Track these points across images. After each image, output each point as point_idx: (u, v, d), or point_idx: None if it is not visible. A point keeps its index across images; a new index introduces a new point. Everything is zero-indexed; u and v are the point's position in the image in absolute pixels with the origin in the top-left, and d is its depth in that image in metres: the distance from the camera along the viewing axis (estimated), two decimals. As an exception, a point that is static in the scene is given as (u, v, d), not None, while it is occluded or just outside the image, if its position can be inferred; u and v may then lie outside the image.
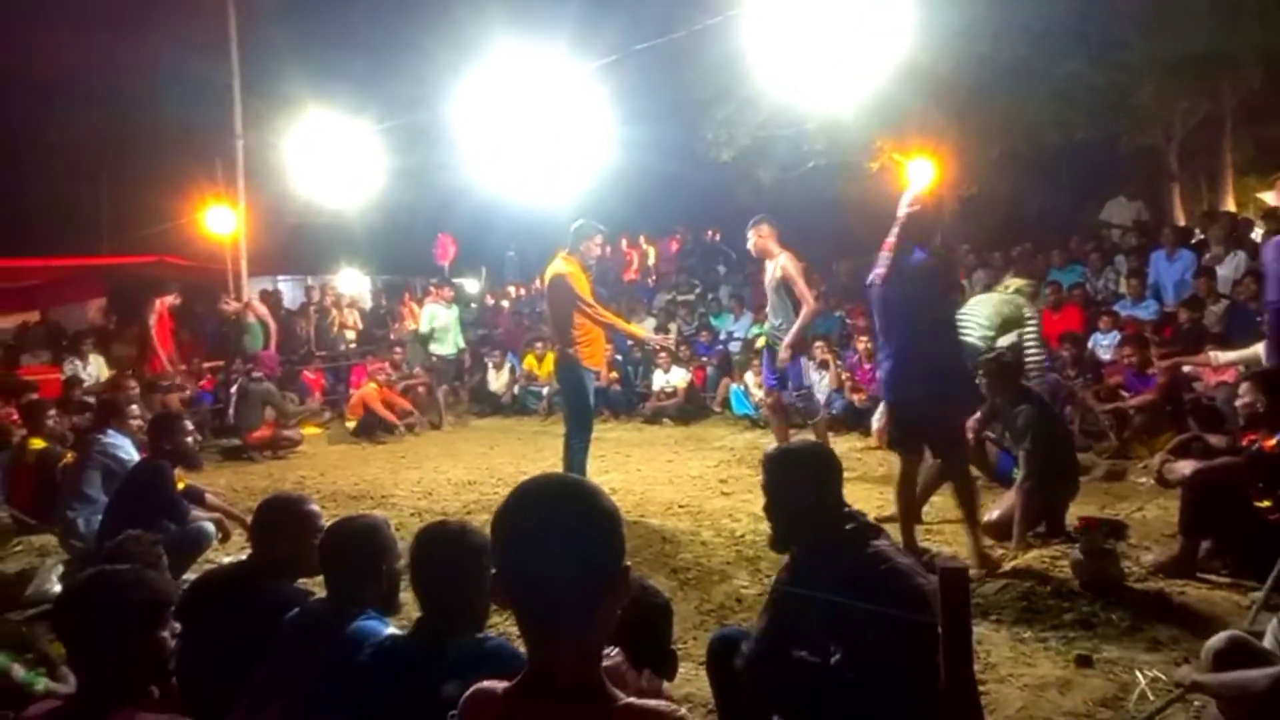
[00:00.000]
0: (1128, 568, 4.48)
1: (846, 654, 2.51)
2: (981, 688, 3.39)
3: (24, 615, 4.36)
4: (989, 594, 4.33)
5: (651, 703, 1.28)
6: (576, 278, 6.25)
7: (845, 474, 2.78)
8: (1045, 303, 9.52)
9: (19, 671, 2.44)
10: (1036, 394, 5.14)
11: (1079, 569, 4.37)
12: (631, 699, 1.27)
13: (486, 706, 1.30)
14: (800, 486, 2.66)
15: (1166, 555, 4.51)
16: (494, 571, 1.27)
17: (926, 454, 5.02)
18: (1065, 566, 4.51)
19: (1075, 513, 5.14)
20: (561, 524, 1.25)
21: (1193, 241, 10.16)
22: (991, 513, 5.17)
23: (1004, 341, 6.91)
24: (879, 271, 4.75)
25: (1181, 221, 12.81)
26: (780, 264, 6.71)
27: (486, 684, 1.33)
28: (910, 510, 4.87)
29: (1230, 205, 13.84)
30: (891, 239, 4.76)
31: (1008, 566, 4.66)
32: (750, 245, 6.99)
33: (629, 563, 1.31)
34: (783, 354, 6.69)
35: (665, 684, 2.65)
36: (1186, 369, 5.82)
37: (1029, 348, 7.10)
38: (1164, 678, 3.39)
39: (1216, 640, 2.87)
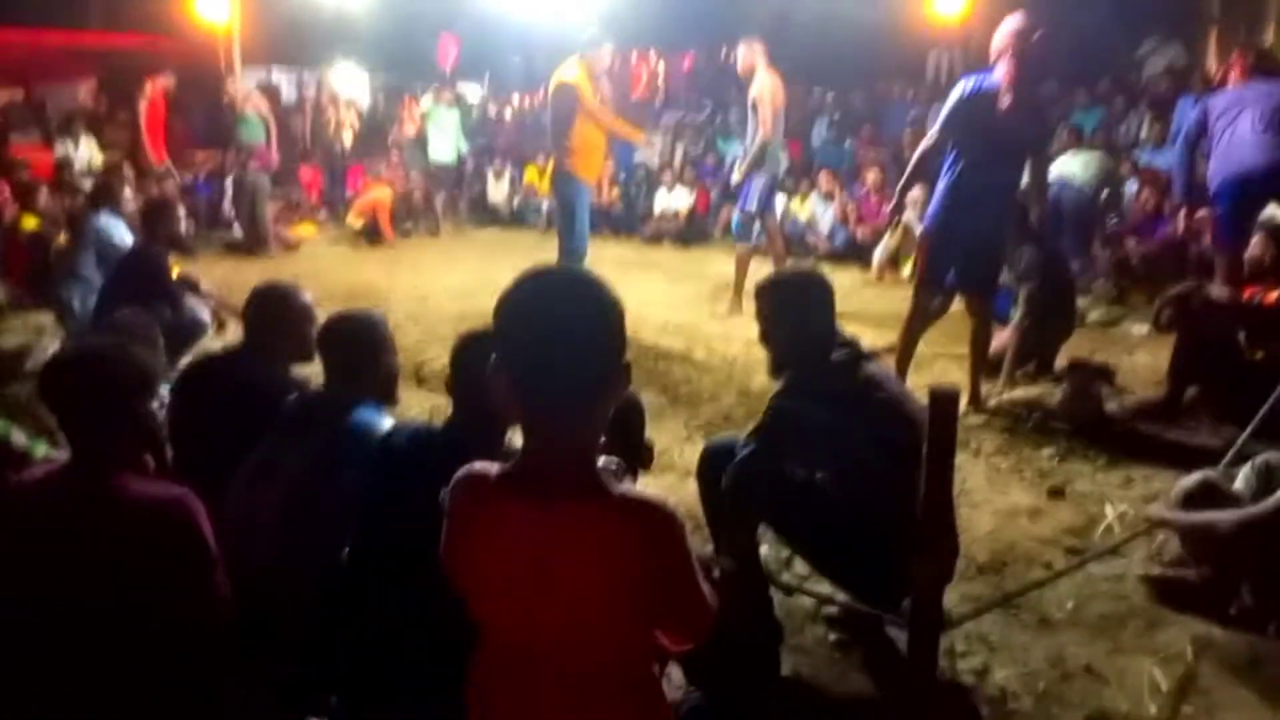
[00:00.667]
0: (1111, 410, 4.56)
1: (834, 471, 2.58)
2: (957, 512, 3.52)
3: (25, 387, 4.43)
4: (972, 425, 4.42)
5: (646, 493, 1.28)
6: (583, 85, 6.05)
7: (844, 308, 2.78)
8: (1060, 145, 9.26)
9: (19, 438, 2.48)
10: (1040, 234, 5.06)
11: (1063, 406, 4.46)
12: (627, 489, 1.27)
13: (477, 488, 1.31)
14: (791, 314, 2.66)
15: (1153, 398, 4.59)
16: (494, 359, 1.24)
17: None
18: (1050, 404, 4.60)
19: (1066, 354, 5.18)
20: (571, 317, 1.22)
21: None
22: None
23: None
24: (1008, 99, 4.24)
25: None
26: (757, 85, 6.47)
27: (480, 465, 1.33)
28: (908, 350, 4.74)
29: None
30: (1011, 67, 4.26)
31: (993, 403, 4.74)
32: (739, 62, 6.70)
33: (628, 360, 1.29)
34: (735, 176, 6.56)
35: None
36: (1201, 214, 5.71)
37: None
38: (1132, 512, 3.51)
39: (1188, 480, 2.95)
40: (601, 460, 1.36)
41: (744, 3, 13.53)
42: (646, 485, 3.67)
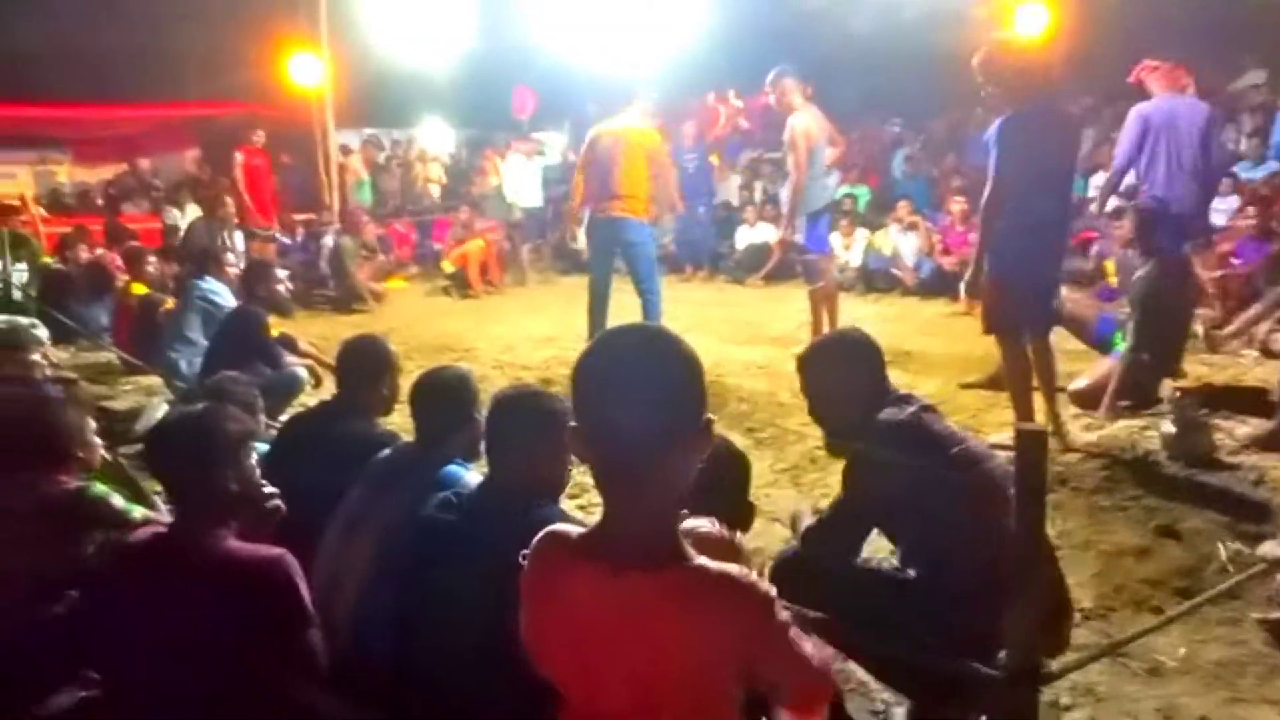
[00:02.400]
0: (1220, 440, 4.35)
1: (917, 539, 2.41)
2: (1058, 554, 3.38)
3: (135, 450, 4.63)
4: (1070, 462, 4.26)
5: (726, 566, 1.24)
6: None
7: (931, 342, 2.70)
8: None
9: (118, 501, 2.59)
10: (1164, 252, 4.86)
11: (1168, 441, 4.26)
12: (705, 561, 1.23)
13: (553, 551, 1.31)
14: (830, 380, 2.54)
15: (1263, 428, 4.35)
16: (573, 422, 1.25)
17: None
18: (1153, 436, 4.40)
19: (1169, 382, 4.97)
20: (643, 370, 1.21)
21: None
22: (1080, 381, 5.04)
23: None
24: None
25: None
26: (789, 123, 6.32)
27: (560, 527, 1.33)
28: (1028, 402, 4.45)
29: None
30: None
31: (1093, 436, 4.57)
32: (771, 102, 6.58)
33: (711, 416, 1.26)
34: (783, 234, 6.44)
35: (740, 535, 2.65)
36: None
37: None
38: (1247, 550, 3.33)
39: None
40: (694, 522, 1.34)
41: (819, 38, 13.54)
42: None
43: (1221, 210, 8.04)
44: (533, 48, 11.98)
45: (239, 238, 9.38)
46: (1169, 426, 4.28)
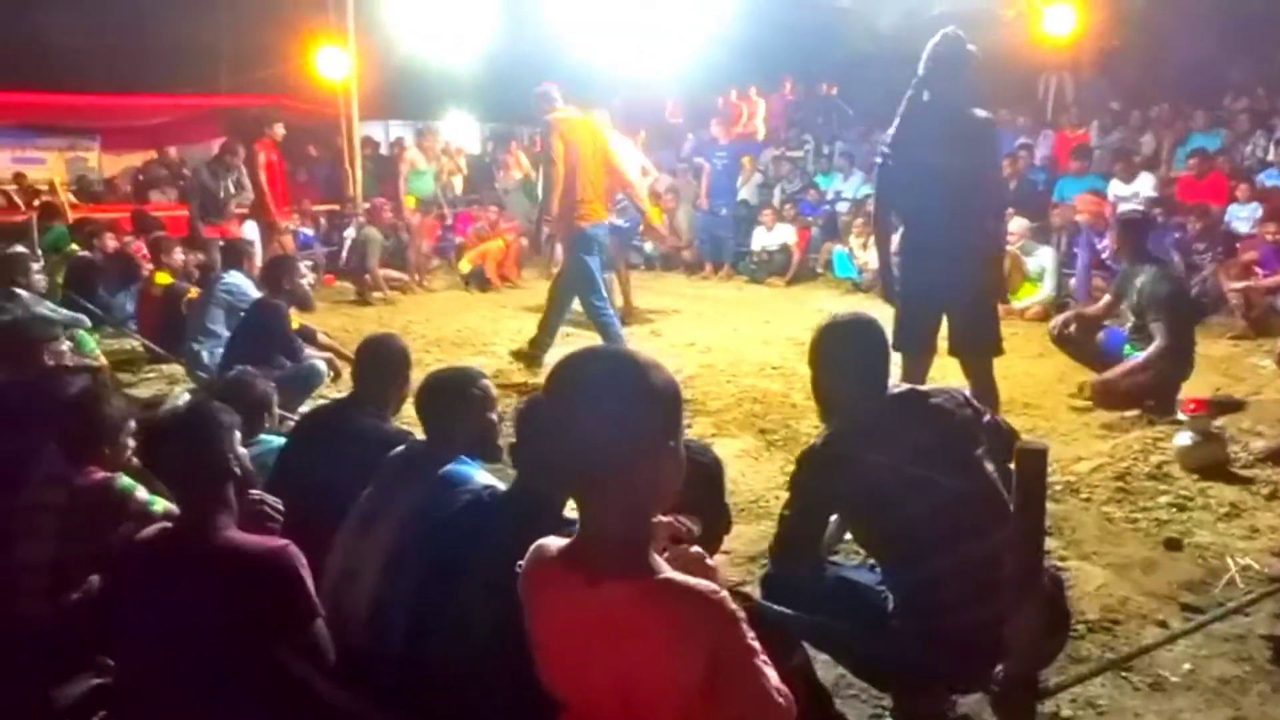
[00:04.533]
0: (1235, 453, 4.33)
1: (886, 529, 2.36)
2: (1063, 564, 3.39)
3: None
4: (1082, 472, 4.25)
5: (697, 580, 1.27)
6: None
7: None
8: (1189, 169, 8.91)
9: (141, 494, 2.66)
10: (1160, 258, 4.89)
11: (1182, 452, 4.24)
12: (672, 575, 1.26)
13: (540, 563, 1.35)
14: (833, 360, 2.51)
15: (1279, 442, 4.33)
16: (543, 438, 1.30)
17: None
18: (1167, 447, 4.39)
19: (1187, 392, 4.94)
20: (605, 393, 1.25)
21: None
22: (1101, 377, 5.06)
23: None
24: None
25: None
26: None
27: (548, 540, 1.36)
28: None
29: None
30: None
31: (1107, 445, 4.56)
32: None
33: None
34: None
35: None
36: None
37: None
38: (1256, 566, 3.32)
39: (1316, 534, 2.78)
40: (670, 519, 1.37)
41: (846, 36, 13.49)
42: (743, 533, 3.68)
43: (1244, 218, 7.97)
44: (559, 43, 11.99)
45: (253, 228, 9.46)
46: (1184, 437, 4.27)
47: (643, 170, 9.14)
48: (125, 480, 2.71)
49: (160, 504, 2.65)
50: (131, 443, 2.85)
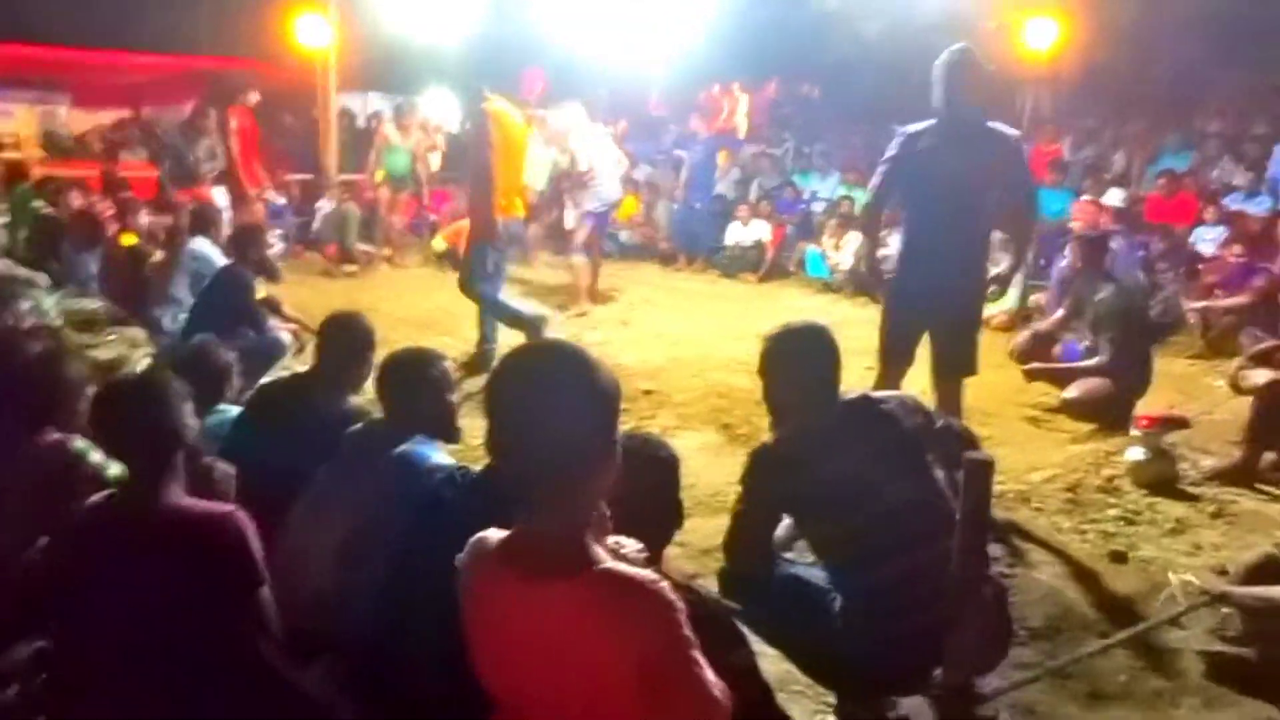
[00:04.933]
0: (1184, 470, 4.42)
1: (833, 532, 2.40)
2: (1009, 573, 3.45)
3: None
4: (1034, 482, 4.33)
5: (633, 570, 1.28)
6: None
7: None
8: (1158, 189, 9.04)
9: (96, 457, 2.63)
10: (1115, 277, 5.00)
11: (1134, 467, 4.33)
12: (613, 565, 1.27)
13: (479, 557, 1.35)
14: (782, 369, 2.51)
15: (1227, 461, 4.43)
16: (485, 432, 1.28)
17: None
18: (1119, 461, 4.47)
19: (1143, 408, 5.03)
20: (544, 397, 1.24)
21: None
22: (1071, 391, 5.14)
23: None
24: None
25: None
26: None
27: (489, 533, 1.36)
28: None
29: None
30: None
31: (1060, 457, 4.64)
32: None
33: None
34: None
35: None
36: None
37: None
38: (1196, 582, 3.38)
39: (1252, 555, 2.86)
40: (618, 540, 1.37)
41: (832, 39, 13.53)
42: (699, 527, 3.71)
43: (1210, 240, 8.11)
44: (544, 28, 11.91)
45: (221, 195, 9.34)
46: (1135, 452, 4.36)
47: (617, 161, 9.14)
48: (79, 443, 2.67)
49: (115, 468, 2.62)
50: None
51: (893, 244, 4.48)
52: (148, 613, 1.98)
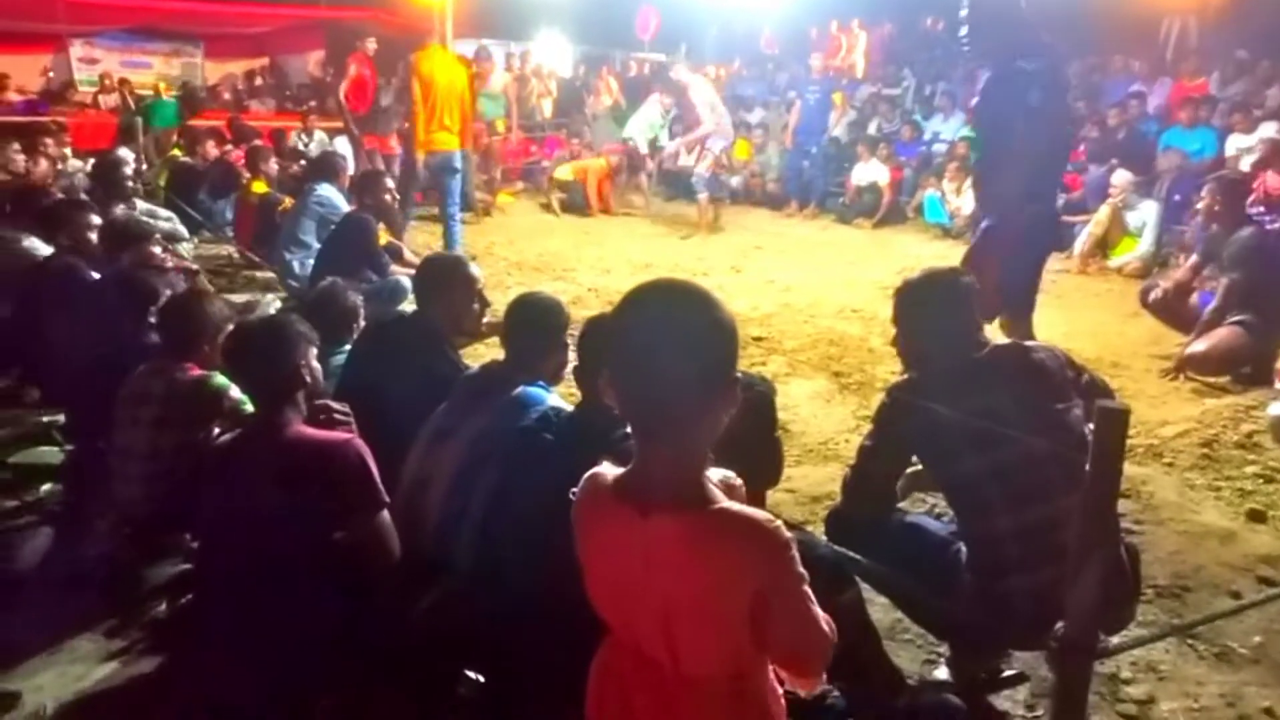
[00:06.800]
0: (1333, 428, 4.15)
1: (959, 480, 2.32)
2: (1139, 528, 3.33)
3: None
4: (1167, 436, 4.13)
5: (750, 509, 1.28)
6: None
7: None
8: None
9: (234, 393, 2.78)
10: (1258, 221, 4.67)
11: (1274, 423, 4.08)
12: (727, 504, 1.27)
13: (594, 492, 1.36)
14: (915, 318, 2.46)
15: (1382, 419, 4.13)
16: (607, 371, 1.28)
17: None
18: (1259, 417, 4.23)
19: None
20: (672, 330, 1.24)
21: None
22: (1197, 345, 4.85)
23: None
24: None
25: None
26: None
27: (602, 469, 1.37)
28: None
29: None
30: None
31: (1196, 411, 4.41)
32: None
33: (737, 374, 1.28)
34: None
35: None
36: None
37: None
38: (1341, 545, 3.20)
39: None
40: (719, 474, 1.37)
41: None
42: (809, 474, 3.69)
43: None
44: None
45: (344, 142, 9.61)
46: (1276, 409, 4.10)
47: (711, 107, 9.13)
48: (219, 379, 2.83)
49: (250, 405, 2.77)
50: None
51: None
52: (277, 534, 2.12)
